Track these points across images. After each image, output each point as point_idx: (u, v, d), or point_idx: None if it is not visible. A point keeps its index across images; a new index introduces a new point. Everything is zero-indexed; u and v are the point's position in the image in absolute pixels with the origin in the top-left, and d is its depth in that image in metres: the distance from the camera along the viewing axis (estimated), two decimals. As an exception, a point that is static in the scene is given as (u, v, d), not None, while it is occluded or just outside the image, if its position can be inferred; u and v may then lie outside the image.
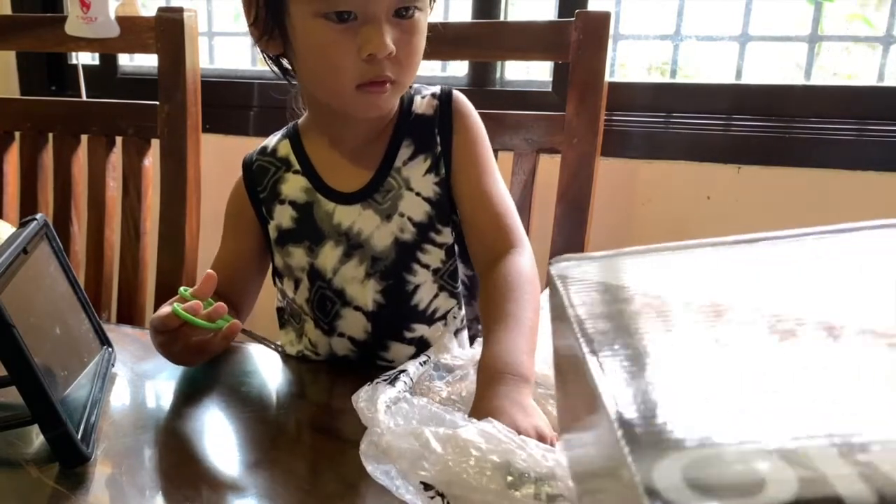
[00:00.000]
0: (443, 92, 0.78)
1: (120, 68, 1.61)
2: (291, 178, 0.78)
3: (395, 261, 0.75)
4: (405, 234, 0.75)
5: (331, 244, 0.76)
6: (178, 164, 1.08)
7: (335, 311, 0.78)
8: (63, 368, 0.61)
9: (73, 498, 0.53)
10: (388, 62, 0.68)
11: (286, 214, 0.78)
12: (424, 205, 0.75)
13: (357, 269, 0.76)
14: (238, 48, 1.59)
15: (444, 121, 0.77)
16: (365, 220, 0.75)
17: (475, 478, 0.38)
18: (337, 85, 0.70)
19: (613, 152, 1.22)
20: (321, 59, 0.69)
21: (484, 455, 0.39)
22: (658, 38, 1.32)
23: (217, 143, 1.37)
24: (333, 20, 0.66)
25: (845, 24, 1.26)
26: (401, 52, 0.68)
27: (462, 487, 0.38)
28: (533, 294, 0.69)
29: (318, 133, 0.78)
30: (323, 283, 0.77)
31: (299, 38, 0.69)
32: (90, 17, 1.10)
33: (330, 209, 0.76)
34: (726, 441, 0.23)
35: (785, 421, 0.23)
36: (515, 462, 0.39)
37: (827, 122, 1.16)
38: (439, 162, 0.76)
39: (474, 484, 0.38)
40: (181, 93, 1.07)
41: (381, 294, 0.76)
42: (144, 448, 0.61)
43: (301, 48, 0.70)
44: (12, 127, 1.18)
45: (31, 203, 1.18)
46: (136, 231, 1.12)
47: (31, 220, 0.67)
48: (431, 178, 0.75)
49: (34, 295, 0.63)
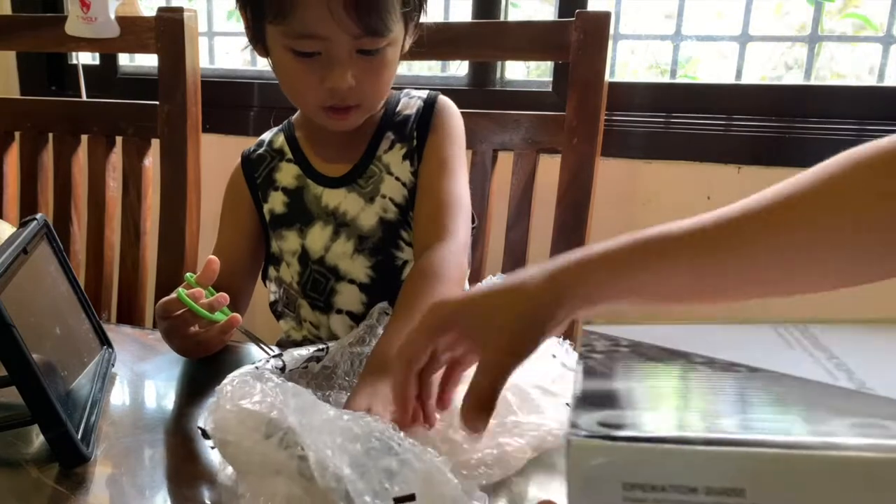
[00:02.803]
0: (429, 95, 0.84)
1: (120, 68, 1.61)
2: (285, 167, 0.83)
3: (381, 238, 0.80)
4: (388, 213, 0.80)
5: (320, 224, 0.81)
6: (178, 164, 1.08)
7: (330, 287, 0.81)
8: (63, 368, 0.61)
9: (73, 498, 0.53)
10: (351, 92, 0.73)
11: (279, 200, 0.83)
12: (402, 189, 0.80)
13: (346, 246, 0.80)
14: (238, 48, 1.59)
15: (424, 119, 0.82)
16: (350, 202, 0.80)
17: (237, 426, 0.47)
18: (304, 104, 0.79)
19: (613, 152, 1.22)
20: (289, 82, 0.76)
21: (251, 411, 0.48)
22: (658, 38, 1.32)
23: (217, 143, 1.37)
24: (299, 55, 0.72)
25: (845, 24, 1.26)
26: (365, 83, 0.73)
27: (224, 432, 0.48)
28: (436, 285, 0.71)
29: (308, 128, 0.85)
30: (315, 262, 0.81)
31: (273, 58, 0.76)
32: (90, 17, 1.10)
33: (318, 192, 0.81)
34: (644, 422, 0.30)
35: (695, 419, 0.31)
36: (273, 416, 0.47)
37: (827, 122, 1.16)
38: (414, 154, 0.81)
39: (235, 430, 0.47)
40: (181, 93, 1.07)
41: (373, 269, 0.80)
42: (144, 448, 0.61)
43: (275, 66, 0.77)
44: (12, 127, 1.18)
45: (31, 203, 1.18)
46: (136, 231, 1.12)
47: (31, 220, 0.67)
48: (408, 165, 0.81)
49: (34, 295, 0.63)
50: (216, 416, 0.49)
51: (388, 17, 0.70)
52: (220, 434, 0.48)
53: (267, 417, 0.47)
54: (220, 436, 0.48)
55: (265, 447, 0.46)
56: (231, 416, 0.48)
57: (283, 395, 0.49)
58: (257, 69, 1.54)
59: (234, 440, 0.47)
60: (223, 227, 0.87)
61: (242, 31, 0.79)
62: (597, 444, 0.28)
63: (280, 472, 0.46)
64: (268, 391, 0.50)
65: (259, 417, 0.47)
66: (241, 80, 1.51)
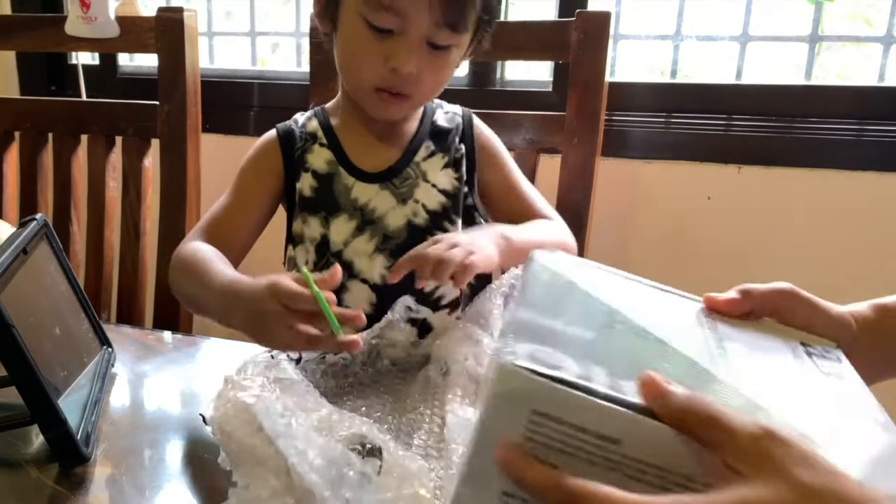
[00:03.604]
0: (464, 111, 0.86)
1: (120, 68, 1.61)
2: (317, 150, 0.81)
3: (406, 241, 0.78)
4: (418, 218, 0.79)
5: (345, 217, 0.79)
6: (178, 164, 1.08)
7: (341, 283, 0.78)
8: (63, 368, 0.61)
9: (73, 498, 0.53)
10: (410, 80, 0.73)
11: (307, 183, 0.80)
12: (440, 196, 0.80)
13: (368, 244, 0.78)
14: (238, 48, 1.59)
15: (466, 133, 0.84)
16: (381, 199, 0.79)
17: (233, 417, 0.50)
18: (359, 80, 0.76)
19: (613, 152, 1.22)
20: (352, 54, 0.76)
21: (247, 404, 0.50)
22: (658, 38, 1.32)
23: (217, 143, 1.37)
24: (372, 28, 0.72)
25: (845, 23, 1.26)
26: (424, 76, 0.74)
27: (221, 422, 0.50)
28: (556, 236, 0.82)
29: (347, 114, 0.83)
30: (332, 255, 0.79)
31: (342, 28, 0.75)
32: (90, 17, 1.11)
33: (349, 183, 0.79)
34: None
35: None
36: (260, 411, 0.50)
37: (827, 122, 1.16)
38: (459, 163, 0.82)
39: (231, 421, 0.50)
40: (181, 93, 1.07)
41: (389, 271, 0.76)
42: (144, 448, 0.61)
43: (340, 37, 0.76)
44: (12, 127, 1.18)
45: (31, 203, 1.18)
46: (136, 231, 1.12)
47: (31, 220, 0.67)
48: (451, 173, 0.81)
49: (34, 295, 0.63)
50: (216, 405, 0.51)
51: (469, 16, 0.73)
52: (218, 423, 0.50)
53: (260, 412, 0.49)
54: (217, 425, 0.50)
55: (256, 440, 0.48)
56: (229, 406, 0.50)
57: (279, 392, 0.50)
58: (257, 69, 1.54)
59: (229, 430, 0.49)
60: (240, 188, 0.82)
61: (242, 31, 0.79)
62: (523, 375, 0.35)
63: (268, 465, 0.48)
64: (266, 386, 0.50)
65: (253, 411, 0.49)
66: (241, 80, 1.51)
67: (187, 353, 0.83)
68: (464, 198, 0.81)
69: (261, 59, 1.58)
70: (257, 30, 1.54)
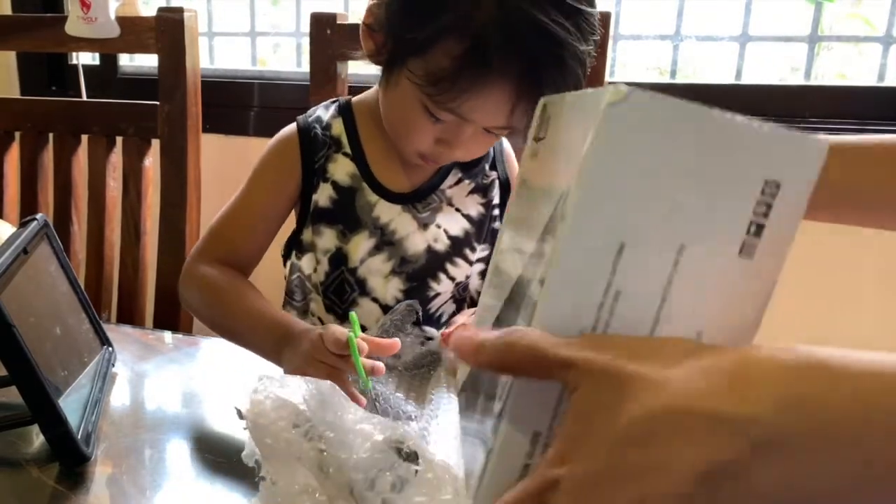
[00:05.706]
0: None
1: (120, 68, 1.61)
2: (340, 160, 0.78)
3: (424, 266, 0.77)
4: (438, 244, 0.78)
5: (365, 234, 0.77)
6: (178, 164, 1.08)
7: (352, 298, 0.78)
8: (63, 368, 0.61)
9: (73, 498, 0.53)
10: (454, 156, 0.72)
11: (325, 193, 0.77)
12: (463, 221, 0.79)
13: (384, 265, 0.77)
14: (238, 48, 1.59)
15: (497, 160, 0.81)
16: (403, 221, 0.77)
17: (270, 412, 0.50)
18: (402, 143, 0.73)
19: (613, 152, 1.22)
20: (402, 121, 0.71)
21: (284, 400, 0.50)
22: (658, 38, 1.32)
23: (217, 143, 1.37)
24: (428, 114, 0.67)
25: (845, 23, 1.26)
26: (472, 150, 0.73)
27: (257, 415, 0.50)
28: None
29: (376, 121, 0.77)
30: (347, 269, 0.78)
31: (396, 90, 0.69)
32: (90, 18, 1.10)
33: (373, 201, 0.77)
34: None
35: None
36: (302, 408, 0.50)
37: (827, 122, 1.16)
38: (487, 189, 0.80)
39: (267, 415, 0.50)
40: (181, 93, 1.07)
41: (404, 293, 0.78)
42: (144, 448, 0.61)
43: (392, 99, 0.71)
44: (12, 127, 1.18)
45: (31, 203, 1.18)
46: (136, 231, 1.12)
47: (31, 220, 0.67)
48: (477, 198, 0.80)
49: (34, 295, 0.63)
50: (253, 399, 0.51)
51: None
52: (254, 417, 0.51)
53: (297, 408, 0.50)
54: (252, 418, 0.51)
55: (291, 436, 0.49)
56: (268, 402, 0.51)
57: (317, 391, 0.51)
58: (257, 69, 1.54)
59: (265, 424, 0.50)
60: (259, 185, 0.80)
61: (242, 31, 0.78)
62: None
63: (301, 460, 0.49)
64: (303, 383, 0.51)
65: (290, 407, 0.50)
66: (241, 80, 1.51)
67: (188, 353, 0.83)
68: (490, 221, 0.80)
69: (261, 60, 1.58)
70: (257, 30, 1.55)
